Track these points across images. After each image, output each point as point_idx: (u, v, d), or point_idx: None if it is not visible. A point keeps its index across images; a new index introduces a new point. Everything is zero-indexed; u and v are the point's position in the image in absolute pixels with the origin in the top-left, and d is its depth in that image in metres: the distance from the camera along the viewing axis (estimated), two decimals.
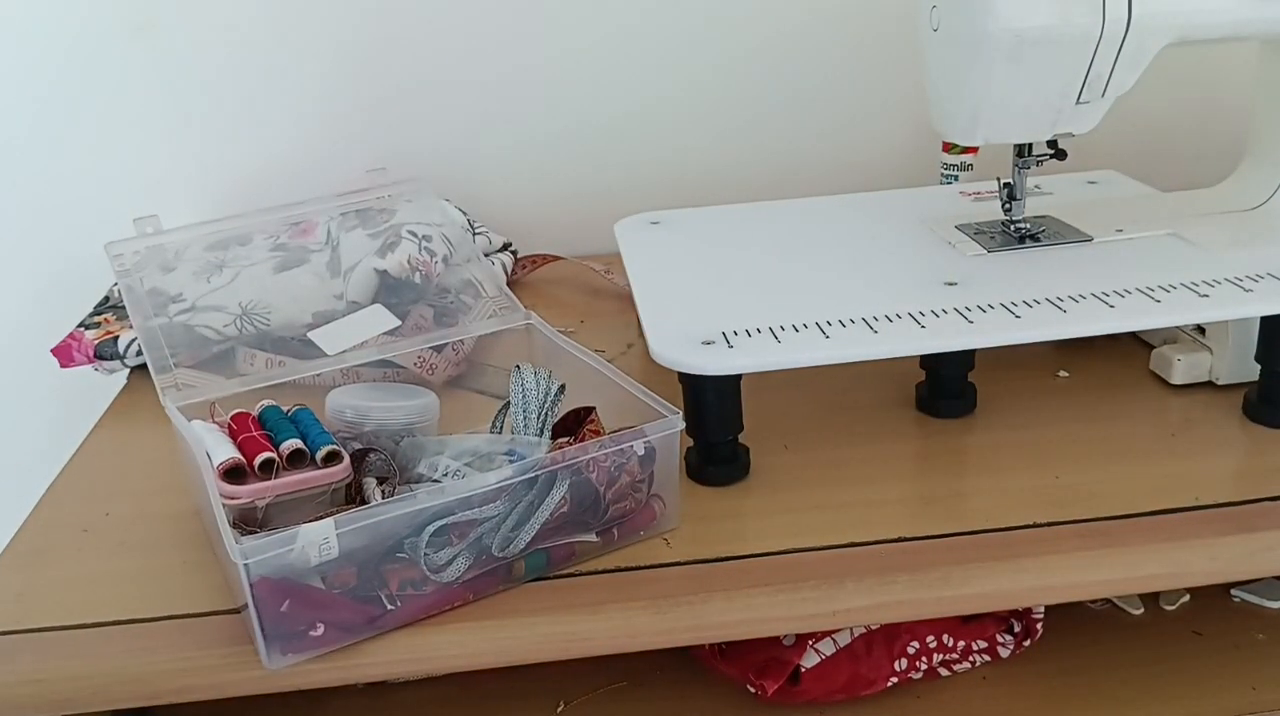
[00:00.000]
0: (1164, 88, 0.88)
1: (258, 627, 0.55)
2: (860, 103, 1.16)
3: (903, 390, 0.79)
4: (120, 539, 0.69)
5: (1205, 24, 0.74)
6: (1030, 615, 0.78)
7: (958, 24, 0.73)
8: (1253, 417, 0.75)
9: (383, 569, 0.57)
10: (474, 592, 0.60)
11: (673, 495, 0.66)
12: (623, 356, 0.90)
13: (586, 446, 0.61)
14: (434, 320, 0.84)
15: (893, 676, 0.75)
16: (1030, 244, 0.82)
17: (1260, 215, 0.85)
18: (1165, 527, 0.64)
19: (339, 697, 0.75)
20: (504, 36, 1.10)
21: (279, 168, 1.11)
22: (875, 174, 1.15)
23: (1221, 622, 0.81)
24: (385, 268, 0.84)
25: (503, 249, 1.09)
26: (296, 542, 0.54)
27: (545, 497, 0.59)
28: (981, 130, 0.76)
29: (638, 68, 1.13)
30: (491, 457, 0.62)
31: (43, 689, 0.58)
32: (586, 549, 0.63)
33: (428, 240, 0.87)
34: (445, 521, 0.57)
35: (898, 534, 0.65)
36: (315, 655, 0.57)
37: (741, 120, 1.15)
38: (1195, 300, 0.71)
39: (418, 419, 0.70)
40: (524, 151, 1.15)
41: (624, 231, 0.92)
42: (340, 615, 0.57)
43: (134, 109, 1.09)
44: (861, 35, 1.13)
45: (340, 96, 1.10)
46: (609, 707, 0.76)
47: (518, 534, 0.59)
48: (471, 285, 0.86)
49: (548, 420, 0.64)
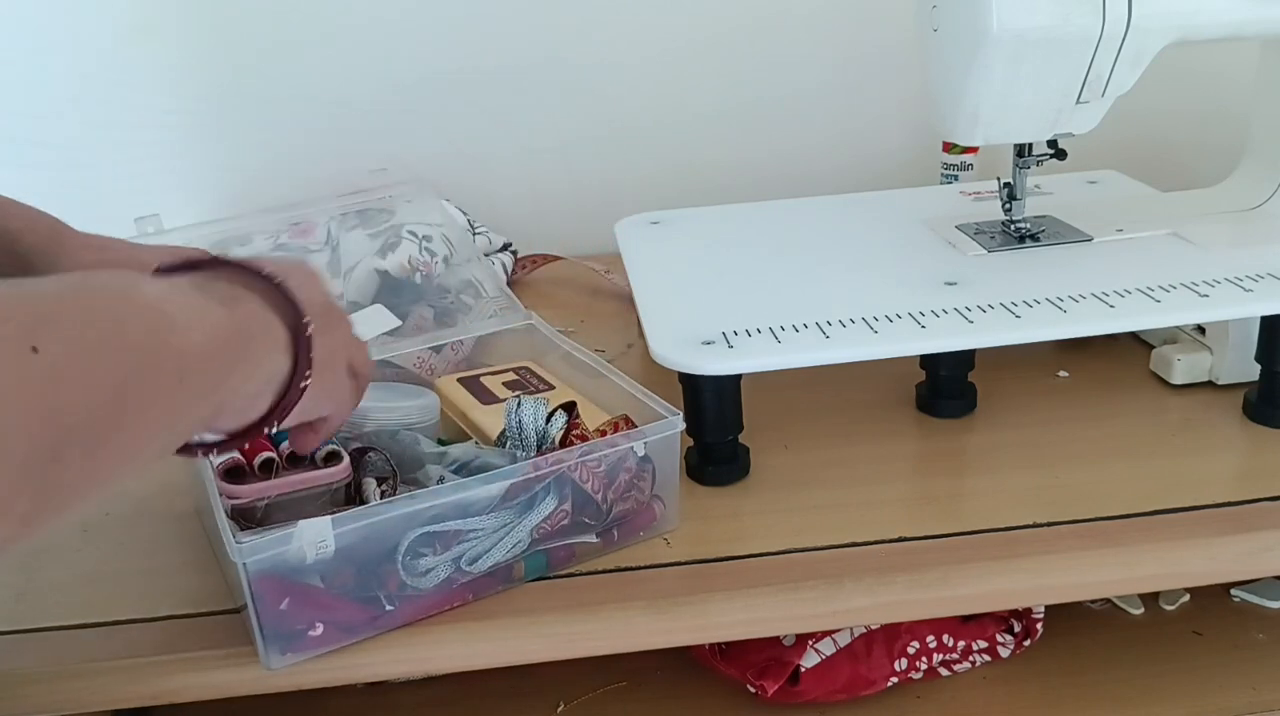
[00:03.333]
0: (1164, 88, 0.88)
1: (257, 627, 0.55)
2: (860, 102, 1.16)
3: (903, 390, 0.79)
4: (120, 539, 0.69)
5: (1205, 24, 0.74)
6: (1030, 615, 0.78)
7: (958, 24, 0.73)
8: (1253, 418, 0.75)
9: (381, 569, 0.57)
10: (474, 593, 0.60)
11: (673, 495, 0.66)
12: (623, 356, 0.90)
13: (565, 454, 0.60)
14: (434, 320, 0.84)
15: (893, 676, 0.75)
16: (1030, 244, 0.82)
17: (1260, 215, 0.85)
18: (1165, 527, 0.64)
19: (339, 697, 0.75)
20: (504, 37, 1.10)
21: (280, 168, 1.11)
22: (875, 174, 1.14)
23: (1221, 622, 0.81)
24: (385, 268, 0.84)
25: (503, 249, 1.09)
26: (293, 540, 0.54)
27: (527, 514, 0.59)
28: (981, 130, 0.76)
29: (638, 68, 1.13)
30: (487, 466, 0.62)
31: (43, 689, 0.58)
32: (586, 550, 0.63)
33: (428, 240, 0.87)
34: (430, 529, 0.57)
35: (897, 534, 0.65)
36: (315, 655, 0.57)
37: (741, 120, 1.15)
38: (1195, 300, 0.71)
39: (418, 419, 0.70)
40: (524, 151, 1.15)
41: (624, 231, 0.92)
42: (340, 615, 0.57)
43: (135, 109, 1.09)
44: (862, 35, 1.13)
45: (341, 97, 1.10)
46: (609, 707, 0.76)
47: (493, 550, 0.59)
48: (472, 285, 0.86)
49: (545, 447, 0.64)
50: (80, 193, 1.10)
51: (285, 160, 1.11)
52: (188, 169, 1.11)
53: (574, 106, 1.13)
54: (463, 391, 0.75)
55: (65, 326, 0.36)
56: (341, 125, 1.11)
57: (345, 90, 1.10)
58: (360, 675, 0.59)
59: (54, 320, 0.36)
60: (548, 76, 1.12)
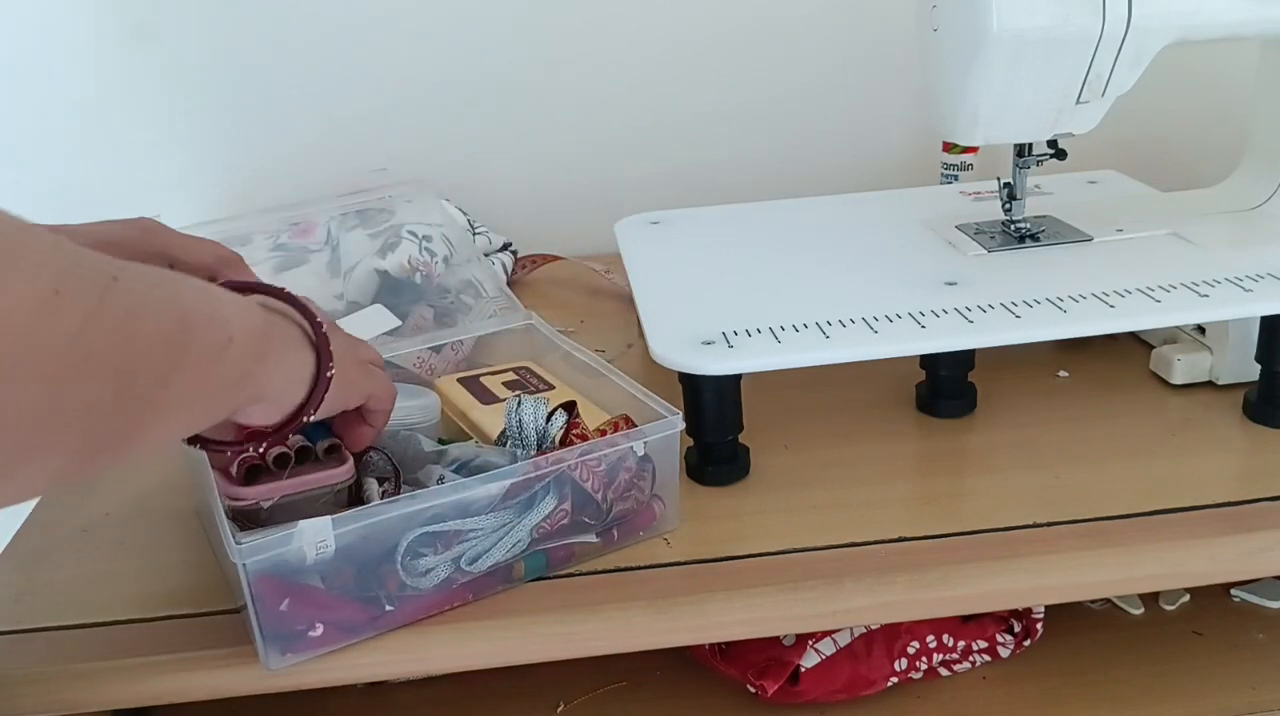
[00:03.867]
0: (1164, 88, 0.88)
1: (257, 628, 0.55)
2: (860, 102, 1.16)
3: (903, 390, 0.79)
4: (120, 539, 0.69)
5: (1205, 24, 0.74)
6: (1030, 615, 0.78)
7: (958, 24, 0.73)
8: (1253, 418, 0.75)
9: (381, 569, 0.57)
10: (474, 593, 0.60)
11: (673, 495, 0.66)
12: (623, 356, 0.90)
13: (565, 453, 0.60)
14: (434, 320, 0.84)
15: (893, 676, 0.75)
16: (1030, 244, 0.82)
17: (1260, 215, 0.85)
18: (1165, 527, 0.64)
19: (339, 697, 0.75)
20: (504, 37, 1.10)
21: (280, 169, 1.11)
22: (875, 174, 1.14)
23: (1221, 622, 0.81)
24: (385, 268, 0.84)
25: (503, 249, 1.09)
26: (293, 540, 0.54)
27: (527, 514, 0.59)
28: (981, 130, 0.76)
29: (638, 68, 1.13)
30: (488, 466, 0.62)
31: (43, 689, 0.58)
32: (586, 550, 0.63)
33: (428, 240, 0.87)
34: (429, 529, 0.57)
35: (897, 534, 0.65)
36: (315, 655, 0.57)
37: (741, 120, 1.15)
38: (1195, 300, 0.71)
39: (419, 419, 0.70)
40: (524, 151, 1.15)
41: (624, 231, 0.92)
42: (340, 615, 0.57)
43: (137, 109, 1.09)
44: (861, 35, 1.13)
45: (342, 98, 1.10)
46: (609, 707, 0.76)
47: (492, 550, 0.59)
48: (472, 285, 0.86)
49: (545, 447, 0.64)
50: (80, 192, 1.10)
51: (285, 161, 1.11)
52: (188, 169, 1.11)
53: (574, 106, 1.13)
54: (463, 391, 0.75)
55: (135, 279, 0.41)
56: (342, 125, 1.11)
57: (346, 90, 1.10)
58: (360, 675, 0.59)
59: (127, 271, 0.40)
60: (548, 76, 1.12)
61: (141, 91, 1.09)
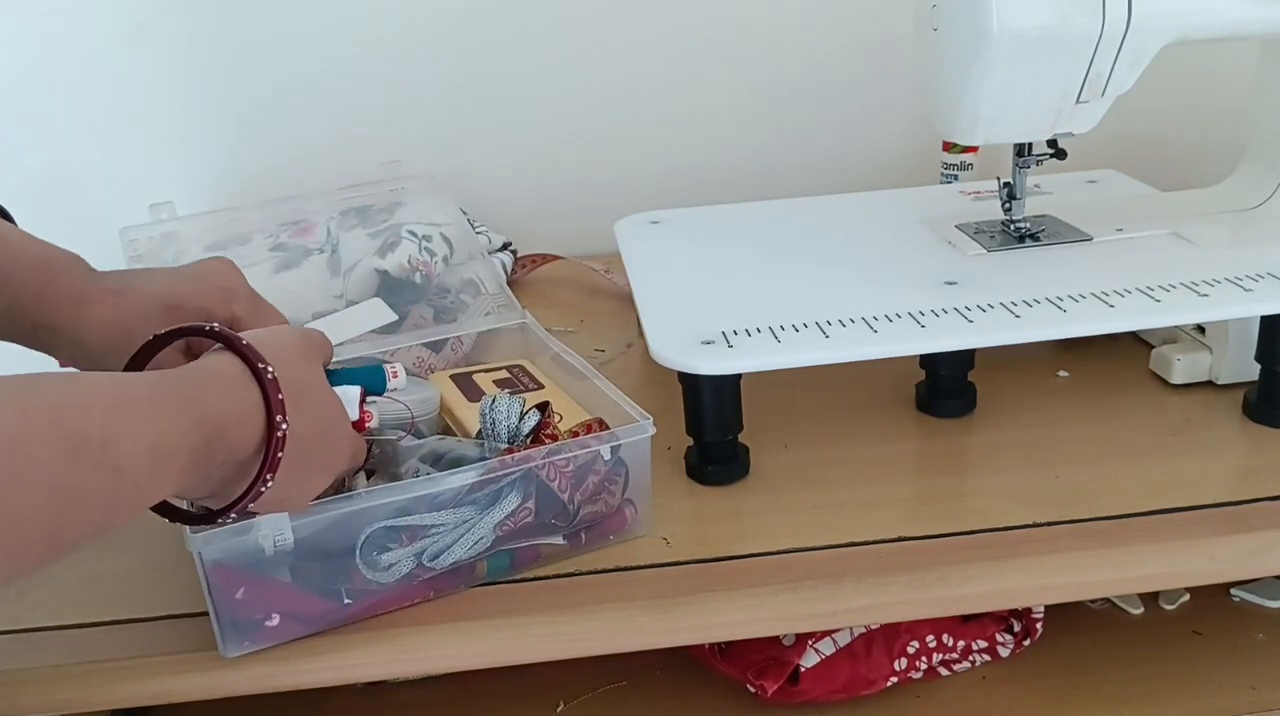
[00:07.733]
0: (1164, 88, 0.88)
1: (214, 615, 0.56)
2: (860, 102, 1.16)
3: (903, 390, 0.79)
4: (120, 539, 0.68)
5: (1205, 24, 0.74)
6: (1030, 615, 0.78)
7: (958, 24, 0.73)
8: (1253, 417, 0.75)
9: (344, 563, 0.57)
10: (435, 590, 0.60)
11: (646, 500, 0.65)
12: (622, 356, 0.90)
13: (533, 452, 0.60)
14: (434, 320, 0.84)
15: (893, 676, 0.75)
16: (1030, 243, 0.82)
17: (1260, 215, 0.85)
18: (1164, 527, 0.64)
19: (339, 697, 0.75)
20: (505, 37, 1.10)
21: (281, 169, 1.11)
22: (875, 174, 1.14)
23: (1221, 622, 0.81)
24: (385, 268, 0.84)
25: (503, 248, 1.09)
26: (252, 532, 0.55)
27: (489, 511, 0.59)
28: (981, 130, 0.76)
29: (638, 68, 1.13)
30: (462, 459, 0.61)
31: (42, 689, 0.58)
32: (553, 551, 0.63)
33: (428, 240, 0.87)
34: (390, 523, 0.57)
35: (897, 533, 0.65)
36: (273, 645, 0.57)
37: (741, 120, 1.15)
38: (1195, 300, 0.71)
39: (417, 412, 0.70)
40: (524, 151, 1.15)
41: (624, 231, 0.92)
42: (297, 606, 0.57)
43: (138, 109, 1.09)
44: (861, 35, 1.13)
45: (342, 97, 1.10)
46: (609, 707, 0.76)
47: (454, 546, 0.59)
48: (472, 284, 0.86)
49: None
50: (80, 191, 1.10)
51: (286, 161, 1.11)
52: (188, 168, 1.11)
53: (574, 106, 1.13)
54: (454, 388, 0.75)
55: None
56: (342, 125, 1.11)
57: (346, 90, 1.10)
58: (359, 674, 0.59)
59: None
60: (548, 76, 1.12)
61: (143, 90, 1.08)
